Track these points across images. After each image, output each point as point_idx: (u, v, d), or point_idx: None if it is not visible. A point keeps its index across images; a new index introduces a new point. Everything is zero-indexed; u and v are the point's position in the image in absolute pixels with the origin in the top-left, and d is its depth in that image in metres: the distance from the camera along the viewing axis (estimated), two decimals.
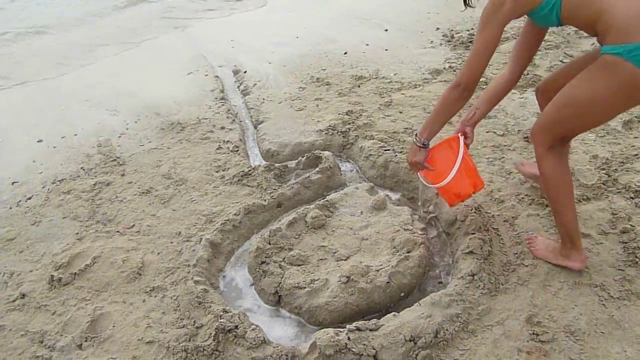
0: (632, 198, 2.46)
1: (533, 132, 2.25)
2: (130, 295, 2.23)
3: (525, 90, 3.51)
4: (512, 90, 3.44)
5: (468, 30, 4.39)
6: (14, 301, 2.24)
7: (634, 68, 1.86)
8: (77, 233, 2.62)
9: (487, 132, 3.09)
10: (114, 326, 2.07)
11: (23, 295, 2.25)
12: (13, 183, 3.11)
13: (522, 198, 2.55)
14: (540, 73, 3.68)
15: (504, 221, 2.44)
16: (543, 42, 4.00)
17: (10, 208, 2.89)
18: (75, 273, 2.33)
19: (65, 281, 2.30)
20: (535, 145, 2.25)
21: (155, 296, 2.21)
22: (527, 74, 3.66)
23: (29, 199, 2.95)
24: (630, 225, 2.28)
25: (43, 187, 3.03)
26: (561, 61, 3.81)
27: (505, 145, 2.96)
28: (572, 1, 1.97)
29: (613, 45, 1.92)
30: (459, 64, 3.85)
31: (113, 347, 1.99)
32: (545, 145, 2.24)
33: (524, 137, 3.00)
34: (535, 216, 2.44)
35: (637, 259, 2.12)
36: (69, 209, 2.81)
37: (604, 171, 2.67)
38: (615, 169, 2.67)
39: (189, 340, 1.96)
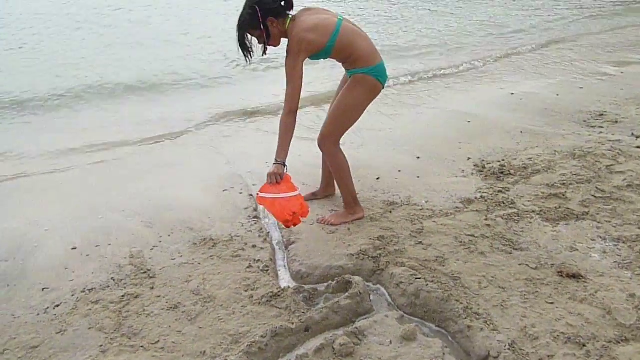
0: None
1: (322, 141, 3.48)
2: None
3: (557, 224, 3.50)
4: (544, 223, 3.47)
5: (499, 162, 4.47)
6: None
7: (373, 78, 3.33)
8: (102, 345, 2.59)
9: (519, 264, 3.05)
10: None
11: None
12: (43, 289, 3.13)
13: (558, 336, 2.47)
14: (572, 207, 3.69)
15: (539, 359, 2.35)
16: (574, 176, 4.07)
17: (38, 314, 2.89)
18: None
19: None
20: (325, 148, 3.50)
21: None
22: (559, 207, 3.67)
23: (57, 306, 2.95)
24: None
25: (72, 295, 3.04)
26: (593, 196, 3.82)
27: (538, 279, 2.91)
28: (338, 48, 3.24)
29: (360, 68, 3.30)
30: (491, 195, 3.89)
31: None
32: (334, 146, 3.48)
33: (558, 272, 2.96)
34: (571, 356, 2.35)
35: None
36: (96, 319, 2.80)
37: None
38: None
39: None
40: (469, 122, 5.63)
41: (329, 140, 3.48)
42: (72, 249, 3.57)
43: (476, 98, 6.68)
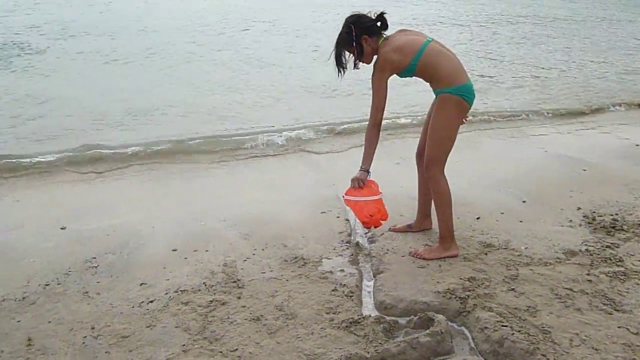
0: None
1: (427, 166, 3.54)
2: None
3: None
4: None
5: (612, 215, 4.19)
6: None
7: (458, 97, 3.37)
8: (184, 345, 2.72)
9: (619, 327, 2.83)
10: None
11: None
12: (141, 284, 3.34)
13: None
14: None
15: None
16: None
17: (133, 307, 3.09)
18: None
19: None
20: (431, 173, 3.52)
21: None
22: None
23: (151, 302, 3.14)
24: None
25: (166, 294, 3.22)
26: None
27: (638, 347, 2.68)
28: (421, 67, 3.37)
29: (445, 88, 3.39)
30: (597, 249, 3.65)
31: None
32: (439, 170, 3.52)
33: None
34: None
35: None
36: (183, 319, 2.94)
37: None
38: None
39: None
40: (584, 170, 5.34)
41: (434, 165, 3.52)
42: (173, 250, 3.79)
43: (595, 146, 6.31)
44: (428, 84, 3.55)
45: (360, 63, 3.52)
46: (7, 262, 3.64)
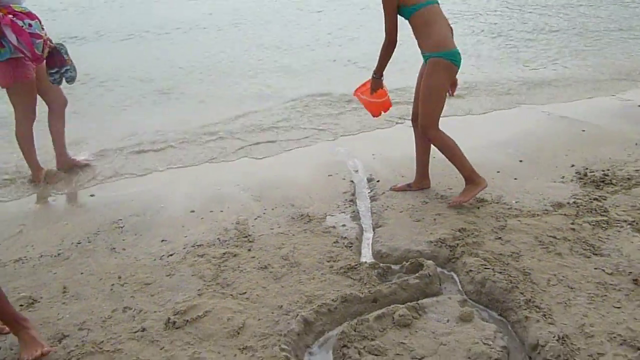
0: None
1: (424, 129, 3.89)
2: (226, 349, 2.58)
3: None
4: (633, 233, 3.43)
5: (603, 171, 4.39)
6: (135, 332, 2.71)
7: (447, 61, 3.72)
8: (199, 290, 3.08)
9: (595, 268, 3.09)
10: None
11: (143, 329, 2.72)
12: (162, 241, 3.71)
13: (614, 337, 2.53)
14: None
15: (588, 355, 2.44)
16: None
17: (154, 260, 3.46)
18: (187, 320, 2.76)
19: (178, 325, 2.73)
20: (429, 135, 3.90)
21: (246, 354, 2.53)
22: None
23: (170, 255, 3.50)
24: None
25: (184, 248, 3.57)
26: None
27: (611, 285, 2.94)
28: (417, 16, 3.71)
29: (435, 52, 3.72)
30: (585, 201, 3.88)
31: None
32: (434, 129, 3.86)
33: (634, 280, 2.97)
34: (622, 357, 2.41)
35: None
36: (199, 269, 3.30)
37: None
38: None
39: None
40: (583, 130, 5.51)
41: (429, 127, 3.86)
42: (191, 211, 4.15)
43: (597, 108, 6.43)
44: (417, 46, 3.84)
45: None
46: (44, 225, 4.05)
